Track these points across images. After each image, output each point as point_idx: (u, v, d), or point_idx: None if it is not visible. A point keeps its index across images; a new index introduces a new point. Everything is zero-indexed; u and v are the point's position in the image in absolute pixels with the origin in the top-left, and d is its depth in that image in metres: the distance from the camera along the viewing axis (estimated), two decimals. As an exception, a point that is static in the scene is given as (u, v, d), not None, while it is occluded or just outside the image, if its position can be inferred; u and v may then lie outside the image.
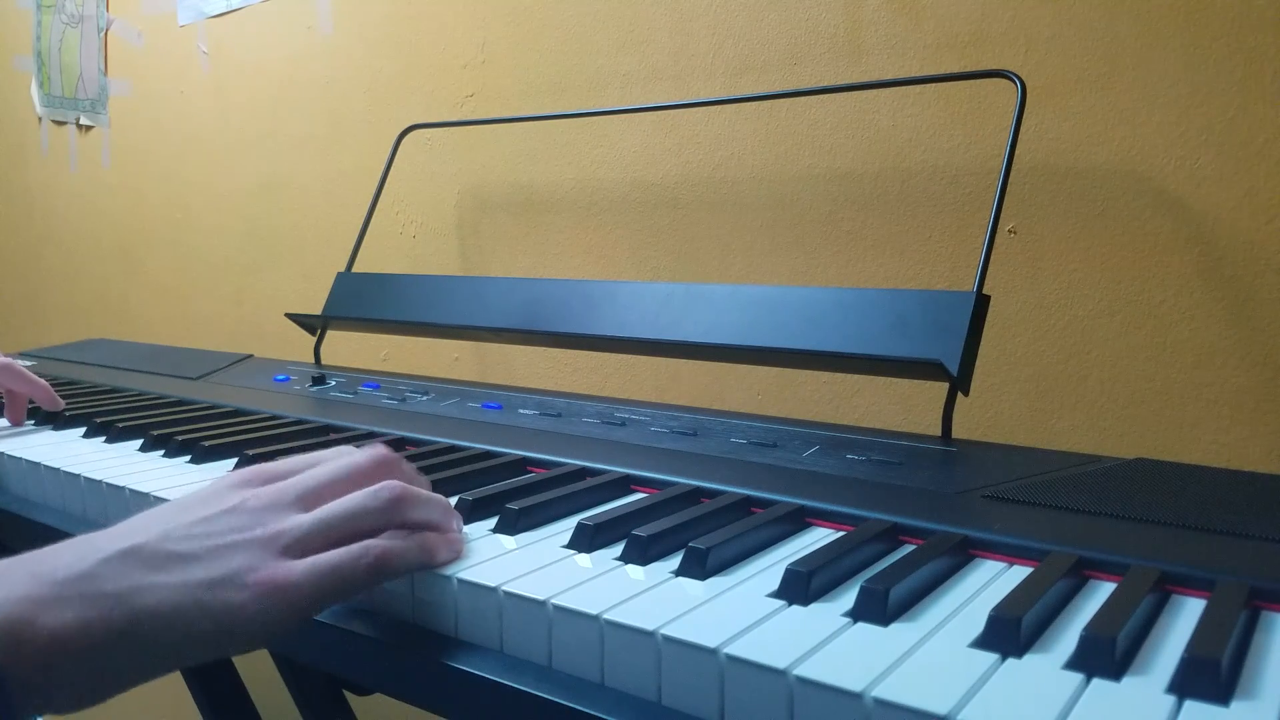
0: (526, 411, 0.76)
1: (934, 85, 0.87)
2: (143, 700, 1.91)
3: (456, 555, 0.45)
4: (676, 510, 0.50)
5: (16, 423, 0.80)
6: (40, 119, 1.98)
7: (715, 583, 0.41)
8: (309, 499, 0.44)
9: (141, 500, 0.57)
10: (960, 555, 0.45)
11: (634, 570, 0.43)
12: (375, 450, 0.48)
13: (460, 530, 0.47)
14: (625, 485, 0.57)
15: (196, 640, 0.38)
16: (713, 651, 0.34)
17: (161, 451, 0.69)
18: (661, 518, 0.48)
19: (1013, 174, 0.75)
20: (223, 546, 0.40)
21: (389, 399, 0.84)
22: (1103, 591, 0.41)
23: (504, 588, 0.41)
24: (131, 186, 1.81)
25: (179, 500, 0.43)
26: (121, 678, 0.37)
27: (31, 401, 0.82)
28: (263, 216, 1.56)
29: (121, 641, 0.36)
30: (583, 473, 0.58)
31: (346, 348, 1.38)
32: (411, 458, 0.62)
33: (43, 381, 0.80)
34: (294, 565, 0.40)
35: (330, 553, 0.41)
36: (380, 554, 0.42)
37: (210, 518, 0.41)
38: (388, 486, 0.44)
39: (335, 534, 0.42)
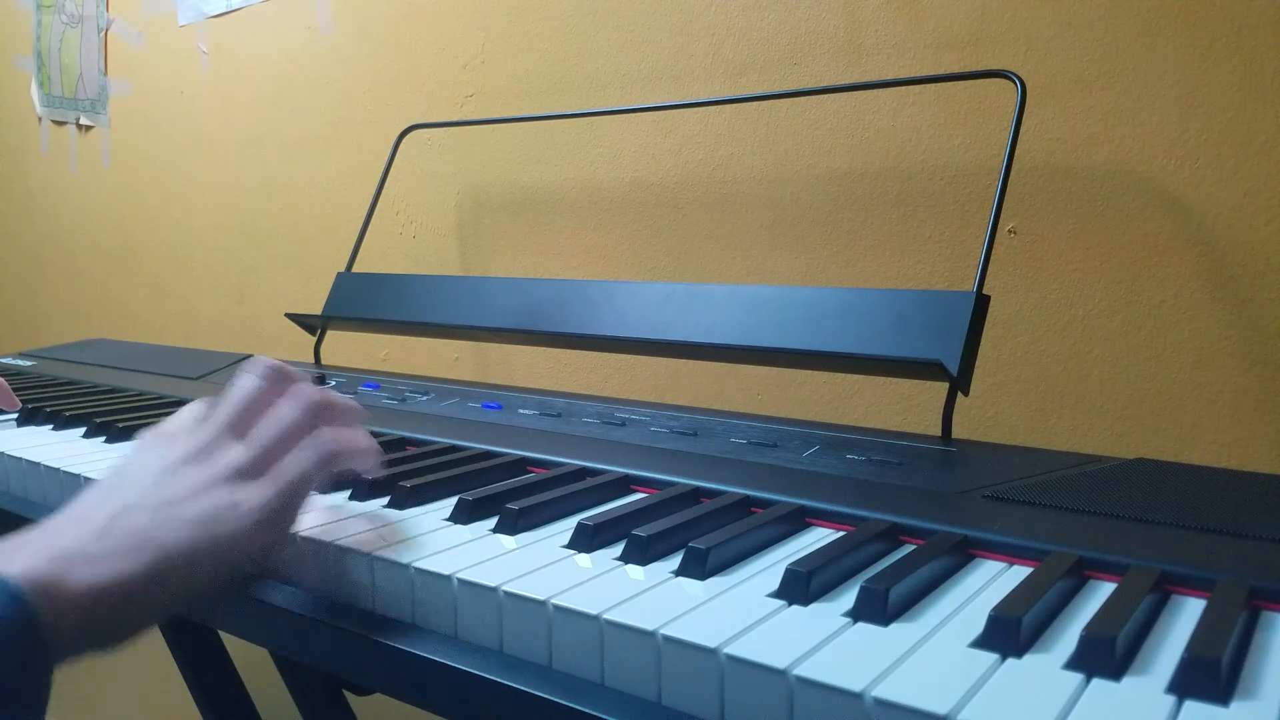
0: (526, 411, 0.76)
1: (934, 85, 0.87)
2: (143, 700, 1.91)
3: (375, 457, 0.50)
4: (676, 510, 0.50)
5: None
6: (40, 119, 1.98)
7: (715, 583, 0.41)
8: (236, 428, 0.48)
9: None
10: (960, 555, 0.45)
11: (634, 570, 0.43)
12: (261, 366, 0.51)
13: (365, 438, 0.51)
14: (625, 485, 0.57)
15: (211, 569, 0.42)
16: (713, 651, 0.34)
17: (161, 451, 0.69)
18: (661, 518, 0.48)
19: (1013, 174, 0.75)
20: (198, 486, 0.44)
21: (389, 399, 0.84)
22: (1103, 591, 0.41)
23: (504, 588, 0.40)
24: (131, 187, 1.81)
25: (121, 466, 0.47)
26: (148, 616, 0.41)
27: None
28: (263, 216, 1.56)
29: (152, 583, 0.40)
30: (583, 473, 0.58)
31: (346, 348, 1.38)
32: (411, 458, 0.62)
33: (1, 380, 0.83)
34: (257, 487, 0.45)
35: (287, 460, 0.46)
36: (329, 442, 0.47)
37: (167, 469, 0.45)
38: (303, 398, 0.49)
39: (280, 447, 0.47)
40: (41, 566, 0.38)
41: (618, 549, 0.45)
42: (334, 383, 0.93)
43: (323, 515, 0.51)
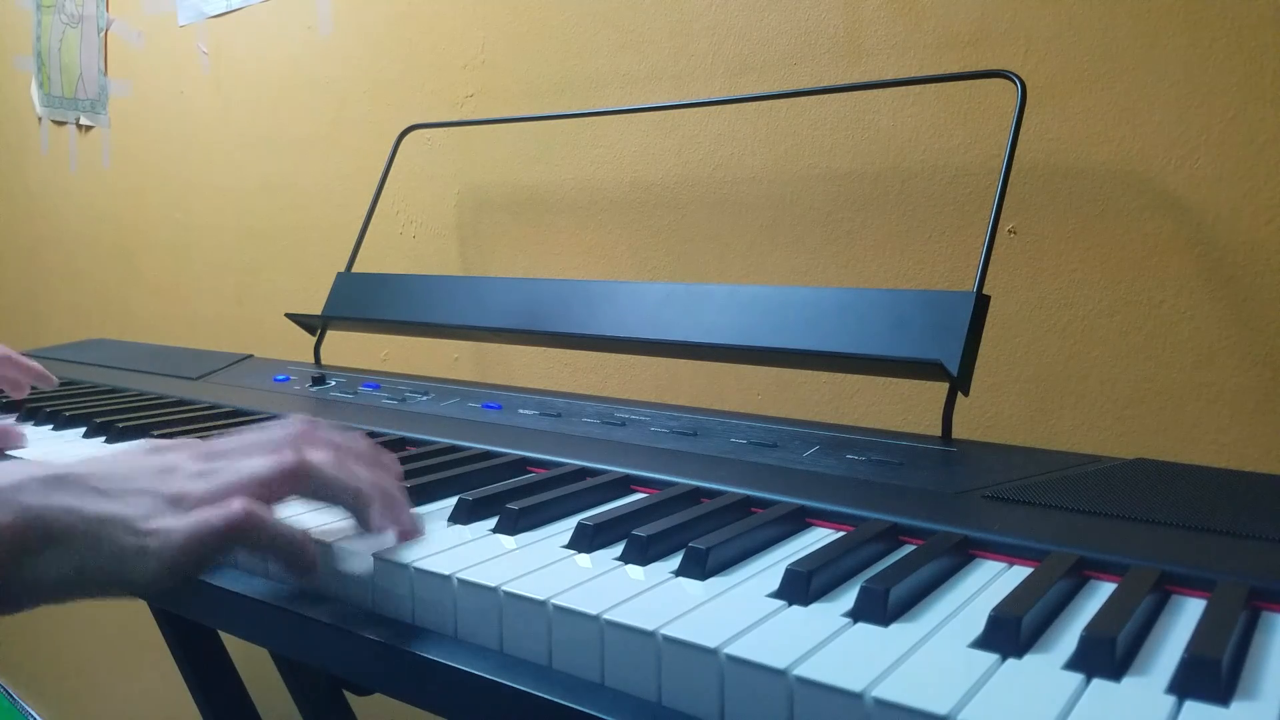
0: (526, 411, 0.76)
1: (934, 85, 0.87)
2: (143, 700, 1.91)
3: (316, 565, 0.45)
4: (676, 510, 0.50)
5: (19, 395, 0.82)
6: (40, 119, 1.98)
7: (715, 583, 0.41)
8: (214, 462, 0.46)
9: (141, 500, 0.57)
10: (960, 555, 0.45)
11: (634, 570, 0.43)
12: (292, 421, 0.48)
13: (407, 516, 0.47)
14: (625, 485, 0.57)
15: (93, 572, 0.40)
16: (713, 651, 0.34)
17: (161, 451, 0.69)
18: (661, 518, 0.48)
19: (1013, 174, 0.75)
20: (134, 490, 0.43)
21: (389, 399, 0.84)
22: (1103, 591, 0.41)
23: (504, 588, 0.40)
24: (131, 187, 1.81)
25: (122, 450, 0.46)
26: (24, 591, 0.40)
27: (34, 388, 0.83)
28: (263, 216, 1.56)
29: (27, 554, 0.39)
30: (583, 473, 0.58)
31: (346, 348, 1.38)
32: (411, 458, 0.62)
33: (32, 363, 0.82)
34: (176, 519, 0.42)
35: (202, 508, 0.42)
36: (241, 514, 0.42)
37: (135, 470, 0.44)
38: (287, 456, 0.45)
39: (221, 494, 0.43)
40: None
41: (618, 549, 0.45)
42: (334, 383, 0.93)
43: (323, 515, 0.51)
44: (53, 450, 0.71)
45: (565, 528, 0.49)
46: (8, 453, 0.69)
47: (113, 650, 1.95)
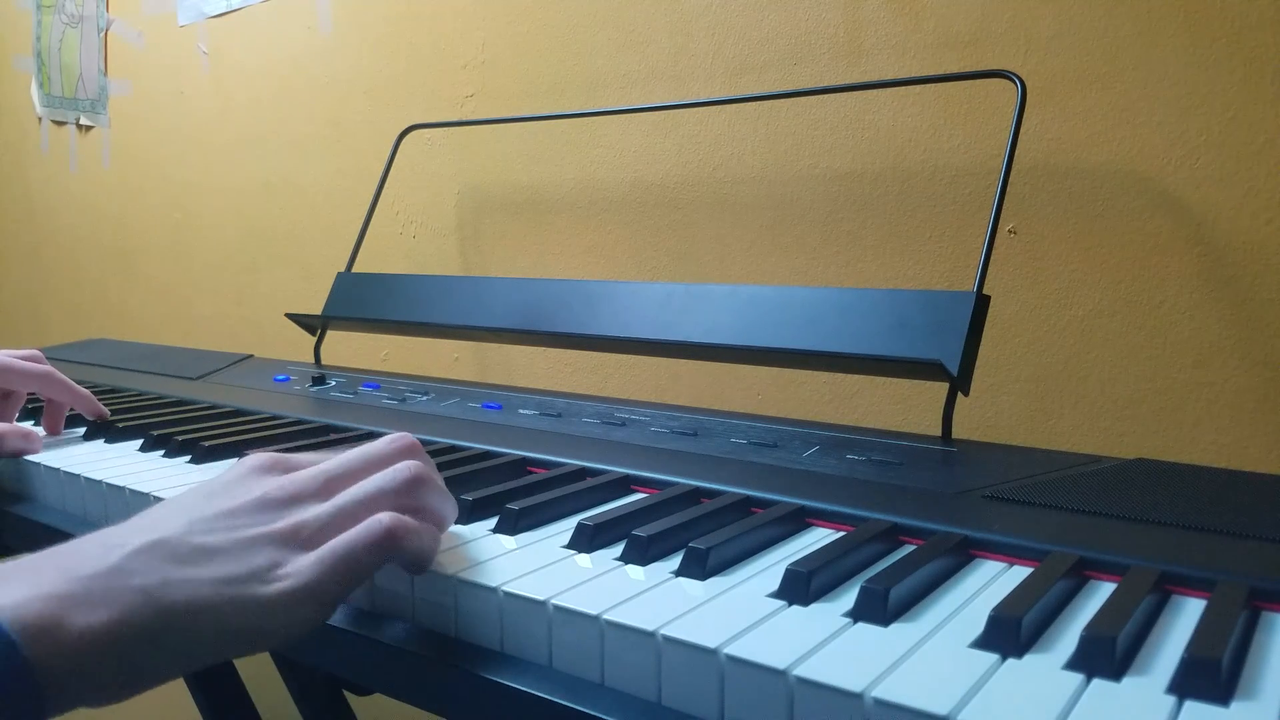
0: (526, 411, 0.76)
1: (934, 85, 0.87)
2: (143, 700, 1.91)
3: (453, 518, 0.46)
4: (676, 510, 0.50)
5: (54, 432, 0.77)
6: (40, 119, 1.98)
7: (715, 583, 0.41)
8: (330, 486, 0.44)
9: (142, 500, 0.57)
10: (960, 555, 0.45)
11: (634, 570, 0.43)
12: (397, 437, 0.47)
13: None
14: (625, 485, 0.57)
15: (226, 635, 0.37)
16: (713, 652, 0.34)
17: (162, 452, 0.69)
18: (661, 518, 0.48)
19: (1013, 174, 0.75)
20: (247, 540, 0.40)
21: (389, 399, 0.84)
22: (1103, 591, 0.41)
23: (504, 588, 0.40)
24: (131, 187, 1.81)
25: (201, 487, 0.43)
26: (152, 673, 0.37)
27: (72, 410, 0.78)
28: (263, 216, 1.56)
29: (151, 638, 0.36)
30: (583, 473, 0.58)
31: (346, 348, 1.38)
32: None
33: (86, 391, 0.76)
34: (309, 554, 0.40)
35: (340, 536, 0.41)
36: (389, 527, 0.41)
37: (234, 510, 0.41)
38: (406, 466, 0.44)
39: (351, 521, 0.42)
40: (35, 607, 0.33)
41: (618, 549, 0.45)
42: (334, 383, 0.93)
43: None
44: (53, 450, 0.71)
45: (565, 528, 0.49)
46: (28, 459, 0.68)
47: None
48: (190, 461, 0.66)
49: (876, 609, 0.37)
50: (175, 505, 0.42)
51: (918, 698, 0.31)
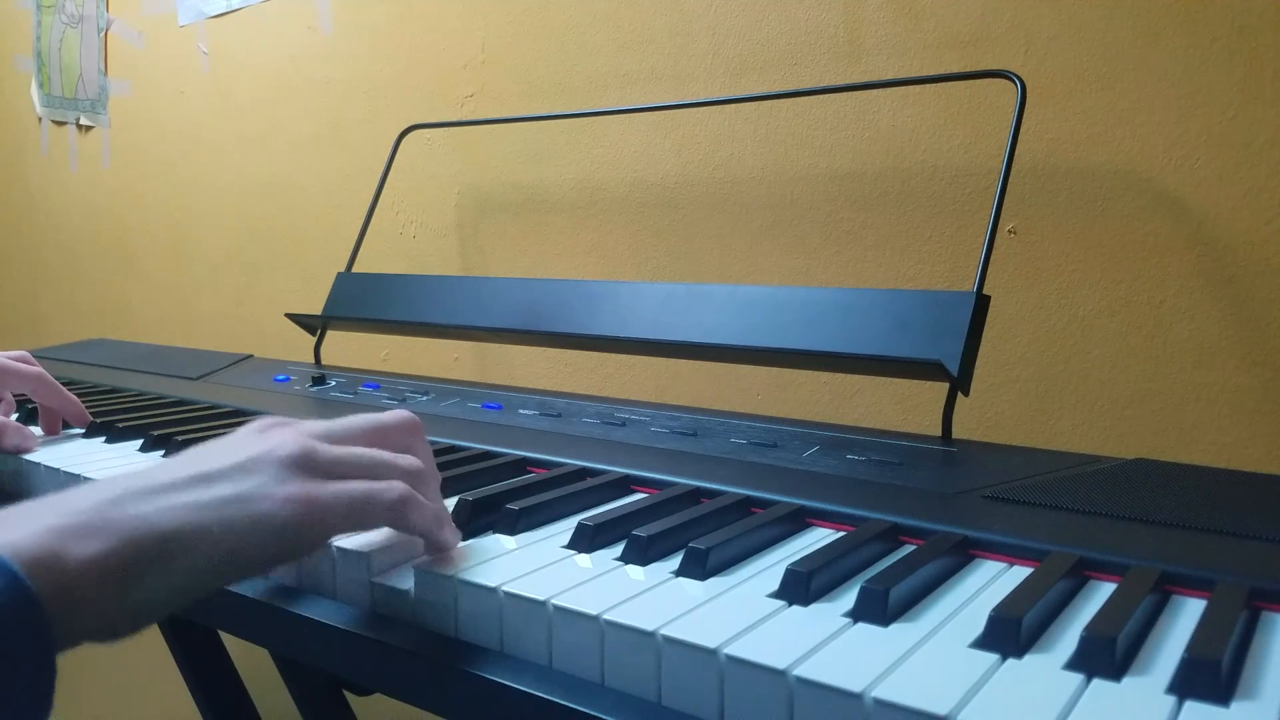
0: (526, 411, 0.76)
1: (934, 85, 0.87)
2: (143, 700, 1.91)
3: (455, 542, 0.46)
4: (676, 510, 0.50)
5: (52, 433, 0.77)
6: (40, 119, 1.98)
7: (715, 583, 0.41)
8: (335, 438, 0.45)
9: (141, 500, 0.57)
10: (960, 555, 0.45)
11: (634, 570, 0.43)
12: (400, 412, 0.49)
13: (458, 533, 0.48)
14: (625, 485, 0.57)
15: (226, 557, 0.38)
16: (713, 652, 0.34)
17: (161, 451, 0.69)
18: (661, 518, 0.48)
19: (1013, 174, 0.75)
20: (248, 462, 0.40)
21: (389, 399, 0.84)
22: (1103, 591, 0.41)
23: (504, 588, 0.40)
24: (131, 186, 1.81)
25: (202, 444, 0.44)
26: (157, 601, 0.37)
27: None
28: (263, 216, 1.56)
29: (151, 565, 0.36)
30: (583, 473, 0.58)
31: (346, 348, 1.38)
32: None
33: (74, 397, 0.77)
34: (322, 483, 0.41)
35: (358, 481, 0.42)
36: (404, 495, 0.42)
37: (235, 445, 0.42)
38: (416, 461, 0.46)
39: (360, 470, 0.43)
40: (34, 541, 0.34)
41: (618, 549, 0.45)
42: (334, 383, 0.93)
43: None
44: (53, 449, 0.71)
45: (565, 528, 0.49)
46: (27, 458, 0.69)
47: (112, 650, 1.94)
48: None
49: (876, 609, 0.37)
50: (176, 455, 0.42)
51: (918, 698, 0.31)
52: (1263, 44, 0.73)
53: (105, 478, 0.39)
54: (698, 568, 0.42)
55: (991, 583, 0.42)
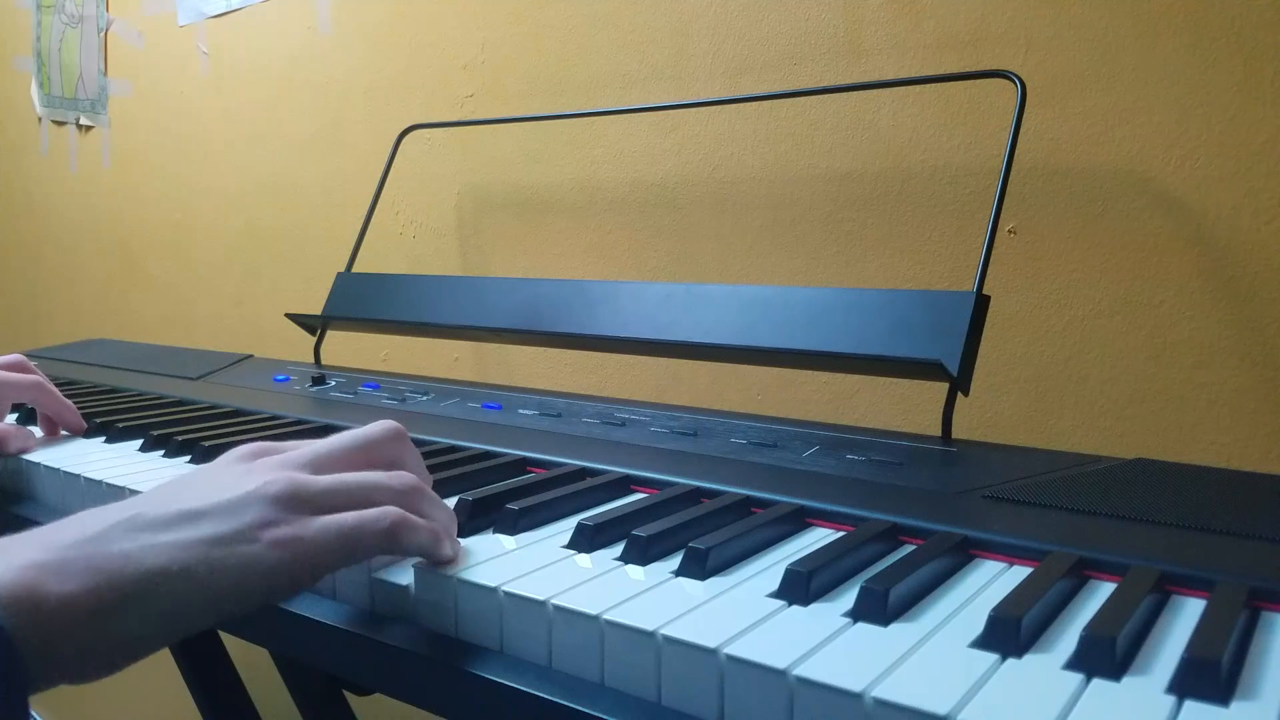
0: (526, 411, 0.76)
1: (934, 85, 0.87)
2: (143, 700, 1.91)
3: (456, 556, 0.45)
4: (676, 510, 0.50)
5: (51, 435, 0.77)
6: (40, 119, 1.98)
7: (715, 583, 0.41)
8: (321, 465, 0.44)
9: (141, 500, 0.57)
10: (960, 555, 0.45)
11: (634, 570, 0.43)
12: (383, 423, 0.48)
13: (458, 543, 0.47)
14: (625, 485, 0.57)
15: (209, 599, 0.37)
16: (713, 651, 0.34)
17: (161, 451, 0.69)
18: (661, 518, 0.48)
19: (1013, 174, 0.75)
20: (236, 500, 0.39)
21: (389, 399, 0.84)
22: (1103, 591, 0.41)
23: (504, 588, 0.40)
24: (131, 186, 1.81)
25: (185, 475, 0.43)
26: (135, 643, 0.36)
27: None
28: (263, 216, 1.56)
29: (131, 605, 0.35)
30: (583, 473, 0.58)
31: (346, 348, 1.38)
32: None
33: (71, 405, 0.77)
34: (309, 521, 0.40)
35: (348, 513, 0.41)
36: (397, 520, 0.42)
37: (220, 480, 0.41)
38: (406, 475, 0.45)
39: (350, 499, 0.42)
40: (11, 576, 0.33)
41: (618, 549, 0.45)
42: (334, 383, 0.93)
43: None
44: (54, 450, 0.71)
45: (565, 528, 0.49)
46: (27, 458, 0.69)
47: (113, 650, 1.94)
48: (190, 461, 0.66)
49: (876, 609, 0.37)
50: (161, 486, 0.42)
51: (918, 697, 0.31)
52: (1263, 44, 0.73)
53: (88, 511, 0.38)
54: (698, 568, 0.42)
55: (991, 583, 0.42)
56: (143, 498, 0.40)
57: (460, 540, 0.47)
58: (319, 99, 1.44)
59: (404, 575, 0.44)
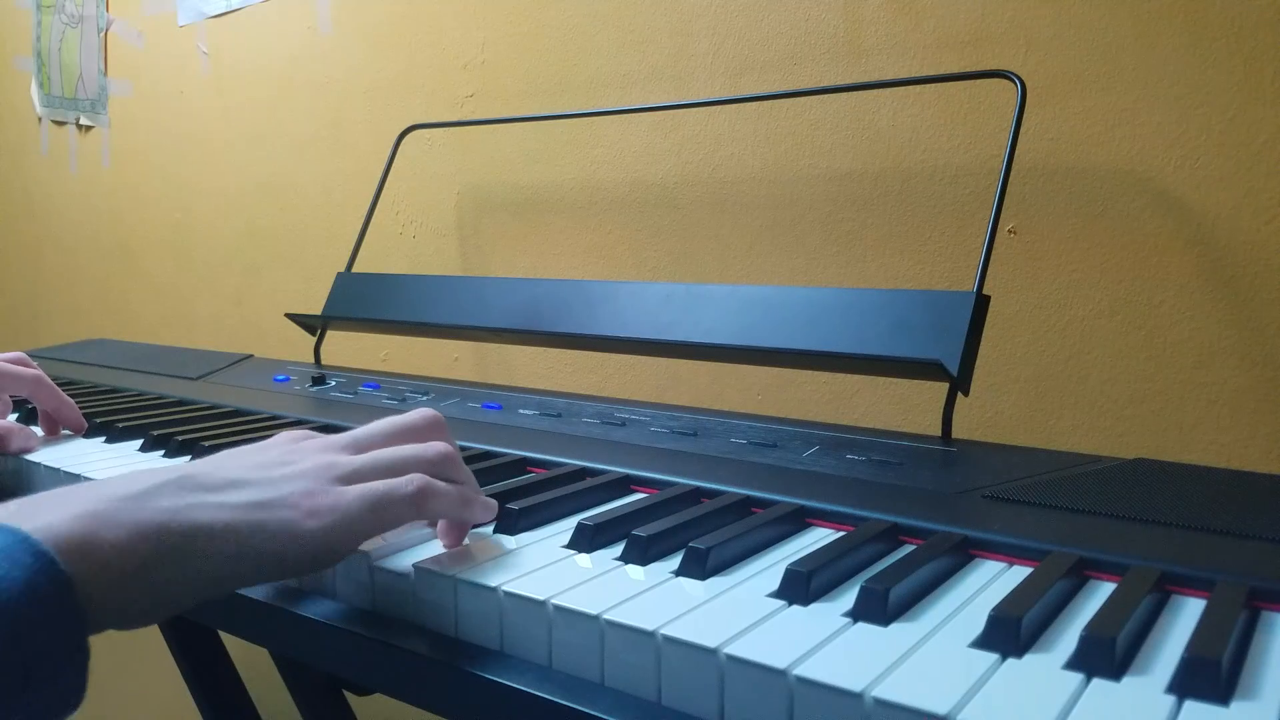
0: (526, 411, 0.76)
1: (934, 85, 0.87)
2: (143, 700, 1.91)
3: (489, 517, 0.48)
4: (676, 510, 0.50)
5: (51, 434, 0.77)
6: (40, 119, 1.98)
7: (715, 583, 0.41)
8: (360, 447, 0.47)
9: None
10: (960, 555, 0.45)
11: (634, 570, 0.43)
12: (424, 410, 0.51)
13: (495, 508, 0.49)
14: (625, 485, 0.57)
15: (250, 558, 0.40)
16: (713, 651, 0.34)
17: (162, 451, 0.69)
18: (661, 518, 0.48)
19: (1013, 174, 0.75)
20: (278, 475, 0.42)
21: (389, 399, 0.84)
22: (1103, 591, 0.41)
23: (504, 588, 0.40)
24: (131, 187, 1.81)
25: (233, 450, 0.46)
26: (179, 595, 0.38)
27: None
28: (263, 216, 1.56)
29: (176, 557, 0.38)
30: (583, 473, 0.58)
31: (346, 348, 1.38)
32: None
33: (71, 402, 0.76)
34: (346, 489, 0.43)
35: (379, 481, 0.44)
36: (423, 484, 0.44)
37: (265, 456, 0.44)
38: (439, 445, 0.48)
39: (385, 471, 0.45)
40: (69, 526, 0.35)
41: (618, 549, 0.45)
42: (334, 383, 0.93)
43: None
44: (54, 449, 0.71)
45: (565, 528, 0.49)
46: (28, 458, 0.69)
47: (112, 650, 1.95)
48: (191, 461, 0.66)
49: (876, 609, 0.37)
50: (207, 458, 0.45)
51: (918, 697, 0.31)
52: (1263, 44, 0.73)
53: (139, 471, 0.41)
54: (698, 567, 0.42)
55: (991, 583, 0.42)
56: (192, 465, 0.43)
57: (496, 512, 0.49)
58: (319, 99, 1.44)
59: (404, 575, 0.44)
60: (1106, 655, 0.33)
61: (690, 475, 0.56)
